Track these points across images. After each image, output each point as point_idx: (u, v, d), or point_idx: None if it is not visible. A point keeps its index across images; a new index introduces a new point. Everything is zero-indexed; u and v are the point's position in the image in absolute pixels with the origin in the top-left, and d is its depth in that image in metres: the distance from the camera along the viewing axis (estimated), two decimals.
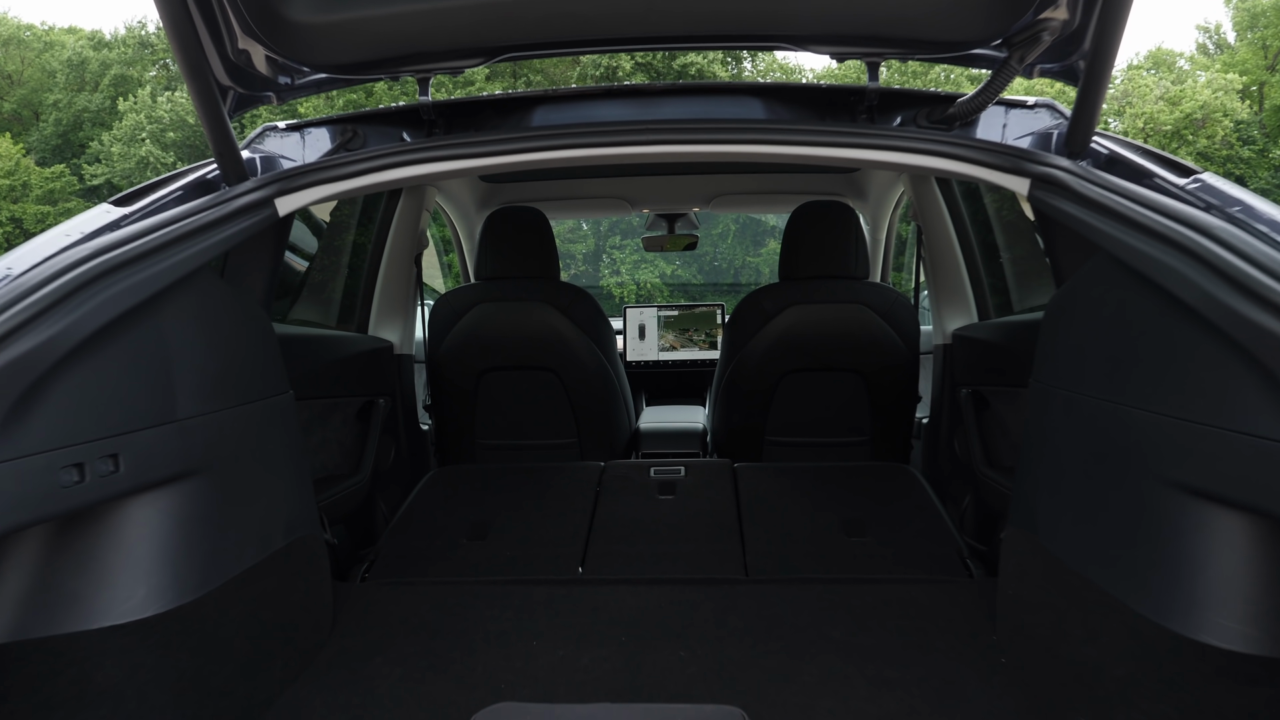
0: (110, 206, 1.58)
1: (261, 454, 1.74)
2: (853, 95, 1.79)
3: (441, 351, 3.02)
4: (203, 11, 1.46)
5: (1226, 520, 1.21)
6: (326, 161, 1.70)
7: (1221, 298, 1.12)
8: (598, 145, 1.70)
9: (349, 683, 1.73)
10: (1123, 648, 1.38)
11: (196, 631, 1.48)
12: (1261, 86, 43.88)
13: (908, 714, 1.56)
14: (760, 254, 31.25)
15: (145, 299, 1.35)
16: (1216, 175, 1.44)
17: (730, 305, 4.30)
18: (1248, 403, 1.14)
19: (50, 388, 1.21)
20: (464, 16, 1.57)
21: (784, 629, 1.89)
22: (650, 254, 22.43)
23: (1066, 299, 1.67)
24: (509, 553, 2.39)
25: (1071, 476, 1.59)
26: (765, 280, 16.62)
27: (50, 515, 1.24)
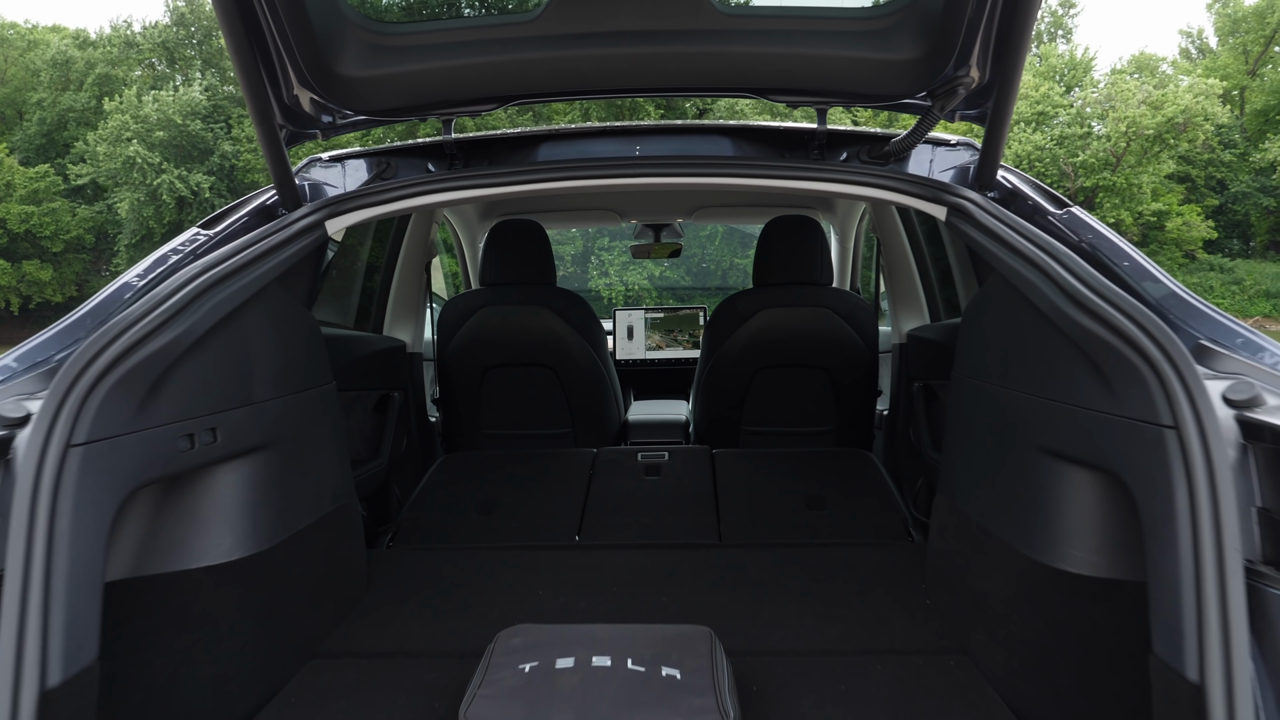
0: (199, 230, 1.92)
1: (313, 434, 2.08)
2: (806, 135, 2.13)
3: (450, 350, 3.34)
4: (265, 67, 1.79)
5: (1076, 475, 1.56)
6: (367, 189, 2.03)
7: (1063, 307, 1.45)
8: (592, 177, 2.03)
9: (388, 620, 2.07)
10: (1007, 578, 1.74)
11: (269, 573, 1.81)
12: (1243, 91, 44.52)
13: (844, 639, 1.92)
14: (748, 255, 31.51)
15: (237, 306, 1.68)
16: (1081, 209, 1.80)
17: (713, 308, 4.67)
18: (1084, 385, 1.48)
19: (173, 375, 1.53)
20: (482, 71, 1.90)
21: (749, 581, 2.25)
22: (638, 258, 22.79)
23: (975, 306, 2.04)
24: (514, 524, 2.73)
25: (978, 449, 1.95)
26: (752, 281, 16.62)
27: (169, 474, 1.56)
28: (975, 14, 1.61)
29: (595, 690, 1.41)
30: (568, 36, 1.80)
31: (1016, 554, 1.69)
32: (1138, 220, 35.59)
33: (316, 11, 1.70)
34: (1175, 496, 1.14)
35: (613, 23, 1.79)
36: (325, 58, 1.80)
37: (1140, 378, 1.25)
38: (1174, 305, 1.51)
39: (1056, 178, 36.40)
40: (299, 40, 1.71)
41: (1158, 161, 35.56)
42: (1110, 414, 1.37)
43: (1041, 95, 37.74)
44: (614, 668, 1.47)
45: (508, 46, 1.82)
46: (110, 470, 1.35)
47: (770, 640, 1.91)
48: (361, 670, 1.83)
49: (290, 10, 1.64)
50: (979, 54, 1.70)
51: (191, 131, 44.27)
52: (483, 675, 1.48)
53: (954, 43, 1.69)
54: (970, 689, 1.70)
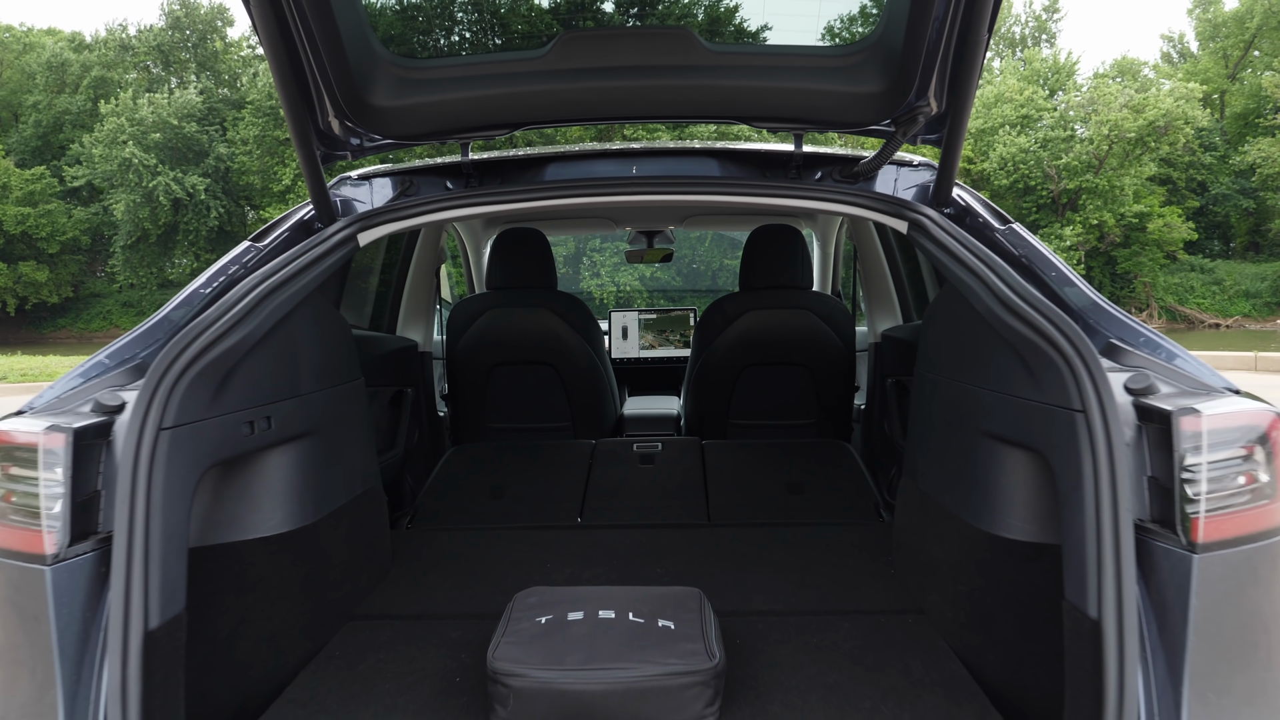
0: (251, 244, 2.18)
1: (347, 423, 2.36)
2: (785, 157, 2.41)
3: (459, 349, 3.62)
4: (305, 98, 2.04)
5: (1010, 455, 1.85)
6: (393, 205, 2.28)
7: (997, 311, 1.74)
8: (593, 195, 2.30)
9: (414, 588, 2.36)
10: (956, 546, 2.03)
11: (313, 545, 2.09)
12: (1223, 95, 44.98)
13: (817, 601, 2.22)
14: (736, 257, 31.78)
15: (288, 311, 1.95)
16: (1020, 225, 2.08)
17: (703, 309, 4.97)
18: (1015, 377, 1.76)
19: (238, 370, 1.80)
20: (497, 101, 2.15)
21: (735, 555, 2.54)
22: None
23: (932, 309, 2.33)
24: (522, 507, 3.02)
25: (935, 435, 2.24)
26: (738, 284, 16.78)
27: (233, 456, 1.84)
28: (931, 53, 1.88)
29: (602, 637, 1.69)
30: (573, 71, 2.07)
31: (964, 524, 1.98)
32: (1120, 222, 35.88)
33: (352, 49, 1.97)
34: (1083, 468, 1.42)
35: (613, 59, 2.06)
36: (359, 90, 2.06)
37: (1057, 370, 1.53)
38: (1090, 310, 1.80)
39: (1040, 180, 36.71)
40: (336, 75, 1.97)
41: (1139, 164, 35.87)
42: (1035, 401, 1.66)
43: (1026, 98, 38.10)
44: (617, 619, 1.75)
45: (520, 79, 2.09)
46: (191, 450, 1.62)
47: (752, 603, 2.20)
48: (394, 630, 2.11)
49: (329, 49, 1.90)
50: (935, 87, 1.98)
51: (187, 134, 44.37)
52: (505, 627, 1.76)
53: (913, 77, 1.96)
54: (924, 641, 1.99)
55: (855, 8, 2.02)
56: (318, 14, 1.76)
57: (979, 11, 1.64)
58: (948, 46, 1.82)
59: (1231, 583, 1.32)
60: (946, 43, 1.81)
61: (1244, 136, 40.78)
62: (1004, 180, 36.92)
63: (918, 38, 1.81)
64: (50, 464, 1.36)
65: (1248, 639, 1.32)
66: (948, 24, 1.73)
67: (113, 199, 44.28)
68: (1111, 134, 35.03)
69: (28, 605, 1.33)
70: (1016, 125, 37.78)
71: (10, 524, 1.36)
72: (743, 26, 2.14)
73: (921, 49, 1.84)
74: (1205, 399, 1.40)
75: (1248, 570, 1.32)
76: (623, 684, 1.60)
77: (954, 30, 1.74)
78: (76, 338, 47.07)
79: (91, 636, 1.36)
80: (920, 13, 1.73)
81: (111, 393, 1.55)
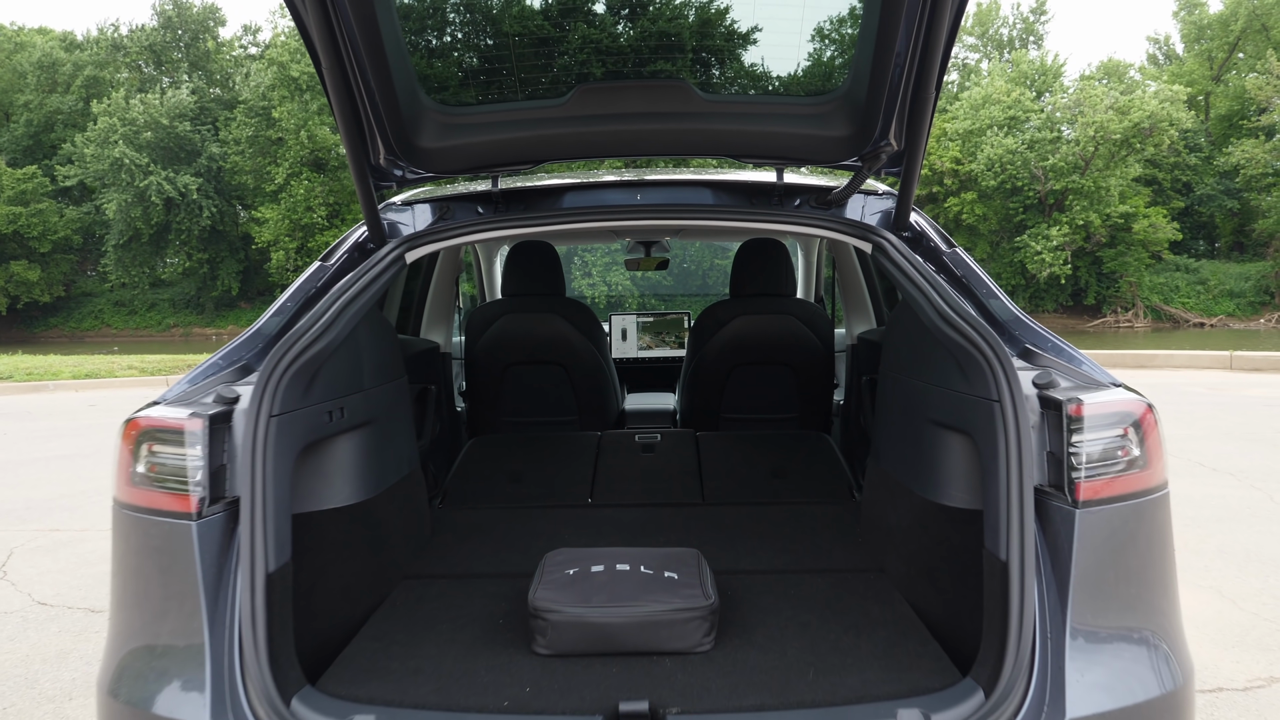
0: (321, 264, 2.52)
1: (395, 414, 2.72)
2: (768, 186, 2.77)
3: (477, 350, 3.98)
4: (361, 140, 2.39)
5: (950, 438, 2.21)
6: (434, 228, 2.63)
7: (937, 322, 2.10)
8: (604, 220, 2.66)
9: (453, 554, 2.73)
10: (908, 514, 2.41)
11: (373, 515, 2.45)
12: (1208, 96, 45.51)
13: (794, 563, 2.59)
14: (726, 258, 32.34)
15: (359, 321, 2.30)
16: (963, 250, 2.45)
17: (695, 313, 5.39)
18: (952, 374, 2.13)
19: (322, 370, 2.14)
20: (524, 142, 2.49)
21: (726, 527, 2.91)
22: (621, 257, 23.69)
23: (892, 319, 2.71)
24: (538, 489, 3.39)
25: (894, 423, 2.62)
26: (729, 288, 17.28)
27: (316, 439, 2.19)
28: (890, 103, 2.23)
29: (620, 583, 2.06)
30: (588, 116, 2.41)
31: (915, 496, 2.36)
32: (1105, 222, 36.37)
33: (403, 99, 2.31)
34: (998, 446, 1.79)
35: (622, 107, 2.41)
36: (408, 134, 2.41)
37: (981, 369, 1.89)
38: (1012, 322, 2.17)
39: (1028, 180, 37.20)
40: (390, 121, 2.32)
41: (1125, 165, 36.43)
42: (965, 393, 2.03)
43: (1013, 100, 38.53)
44: (631, 571, 2.12)
45: (543, 124, 2.44)
46: (291, 434, 1.97)
47: (741, 564, 2.57)
48: (442, 586, 2.48)
49: (384, 99, 2.25)
50: (895, 130, 2.33)
51: (179, 133, 44.47)
52: (540, 577, 2.13)
53: (875, 123, 2.32)
54: (883, 593, 2.37)
55: (826, 67, 2.38)
56: (376, 71, 2.11)
57: (928, 69, 2.01)
58: (904, 98, 2.17)
59: (1106, 531, 1.67)
60: (903, 95, 2.16)
61: (1228, 138, 41.36)
62: (991, 181, 37.34)
63: (878, 91, 2.16)
64: (193, 442, 1.70)
65: (1117, 573, 1.68)
66: (903, 80, 2.09)
67: (104, 198, 44.50)
68: (1097, 135, 35.50)
69: (180, 552, 1.67)
70: (1004, 126, 38.25)
71: (163, 490, 1.71)
72: (732, 80, 2.50)
73: (881, 100, 2.19)
74: (1093, 391, 1.76)
75: (1120, 522, 1.68)
76: (638, 618, 1.94)
77: (909, 85, 2.09)
78: (68, 337, 47.09)
79: (225, 576, 1.70)
80: (880, 71, 2.09)
81: (228, 387, 1.89)
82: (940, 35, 1.88)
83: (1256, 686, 3.17)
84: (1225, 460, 7.17)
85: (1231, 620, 3.80)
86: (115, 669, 1.71)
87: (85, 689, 3.31)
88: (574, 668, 1.91)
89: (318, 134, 42.56)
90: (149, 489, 1.71)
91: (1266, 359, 14.33)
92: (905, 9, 1.88)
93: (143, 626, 1.72)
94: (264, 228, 43.92)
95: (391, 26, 2.05)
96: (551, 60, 2.39)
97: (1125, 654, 1.62)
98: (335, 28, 1.90)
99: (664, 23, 2.36)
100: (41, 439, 9.50)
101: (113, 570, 1.79)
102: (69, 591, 4.42)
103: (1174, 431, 8.58)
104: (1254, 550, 4.78)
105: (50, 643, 3.76)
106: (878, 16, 1.95)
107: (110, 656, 1.75)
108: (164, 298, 49.30)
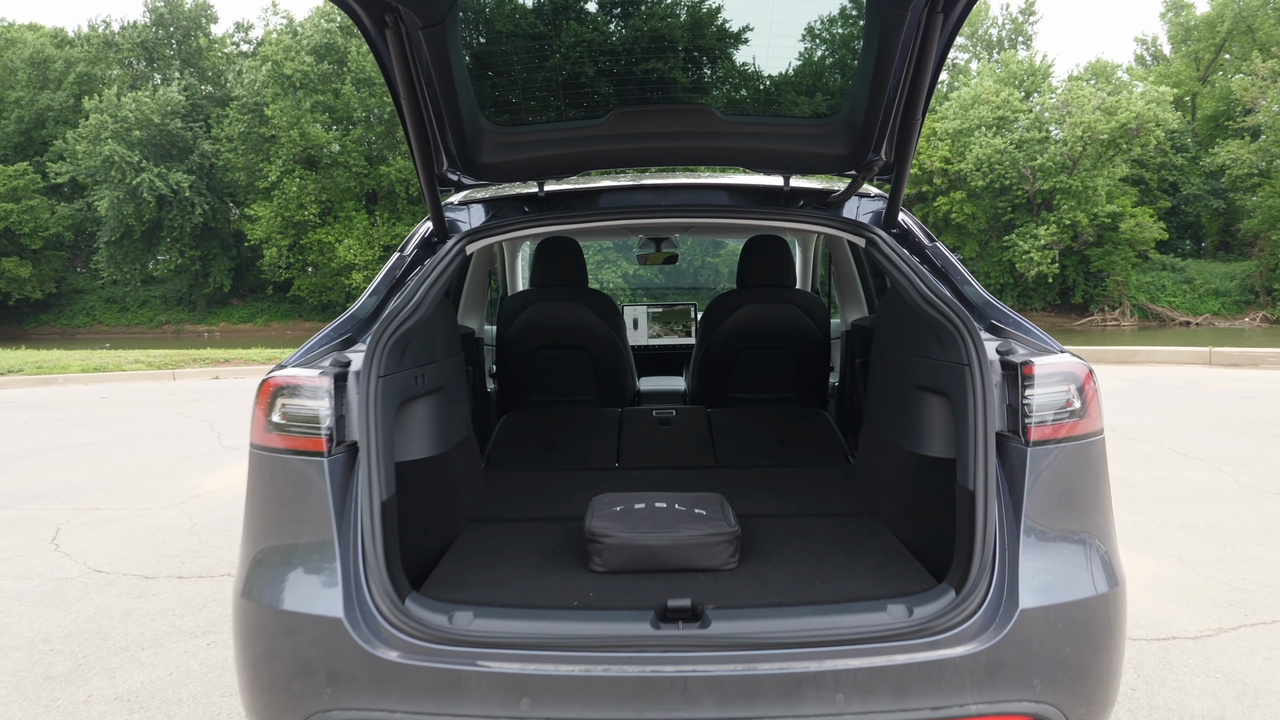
0: (399, 254, 2.86)
1: (457, 384, 3.09)
2: (776, 190, 3.14)
3: (508, 336, 4.34)
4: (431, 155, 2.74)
5: (930, 398, 2.59)
6: (489, 224, 2.96)
7: (921, 304, 2.46)
8: (635, 218, 3.03)
9: (507, 504, 3.11)
10: (895, 464, 2.80)
11: (445, 467, 2.82)
12: (1194, 97, 45.91)
13: (799, 508, 2.97)
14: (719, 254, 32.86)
15: (436, 304, 2.66)
16: (942, 244, 2.83)
17: (699, 305, 5.83)
18: (931, 346, 2.50)
19: (410, 342, 2.47)
20: (567, 156, 2.82)
21: (738, 485, 3.29)
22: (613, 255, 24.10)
23: (883, 302, 3.09)
24: (571, 455, 3.76)
25: (885, 391, 3.00)
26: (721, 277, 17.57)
27: (405, 399, 2.53)
28: (882, 125, 2.60)
29: (659, 516, 2.45)
30: (623, 135, 2.79)
31: (902, 449, 2.74)
32: (1093, 221, 36.82)
33: (467, 124, 2.69)
34: (968, 400, 2.16)
35: (653, 127, 2.79)
36: (470, 152, 2.79)
37: (955, 341, 2.26)
38: (981, 305, 2.54)
39: (1016, 180, 37.63)
40: (456, 142, 2.69)
41: (1112, 165, 36.91)
42: (943, 360, 2.41)
43: (1002, 100, 38.94)
44: (668, 507, 2.51)
45: (584, 141, 2.82)
46: (392, 393, 2.34)
47: (754, 510, 2.95)
48: (503, 527, 2.86)
49: (452, 122, 2.61)
50: (886, 146, 2.71)
51: (171, 130, 44.49)
52: (593, 512, 2.51)
53: (870, 141, 2.69)
54: (875, 529, 2.76)
55: (829, 95, 2.75)
56: (446, 100, 2.47)
57: (916, 98, 2.38)
58: (895, 121, 2.55)
59: (1052, 466, 2.03)
60: (894, 119, 2.54)
61: (1214, 138, 41.81)
62: (980, 181, 37.77)
63: (873, 115, 2.54)
64: (323, 396, 2.03)
65: (1061, 499, 2.04)
66: (894, 107, 2.47)
67: (96, 195, 44.60)
68: (1085, 135, 35.93)
69: (313, 483, 2.00)
70: (993, 127, 38.67)
71: (298, 434, 2.07)
72: (748, 105, 2.87)
73: (876, 123, 2.57)
74: (1043, 356, 2.14)
75: (1063, 458, 2.05)
76: (678, 541, 2.34)
77: (899, 110, 2.48)
78: (59, 334, 47.03)
79: (348, 502, 2.02)
80: (875, 99, 2.46)
81: (340, 354, 2.24)
82: (927, 70, 2.25)
83: (1206, 636, 3.56)
84: (1197, 447, 7.58)
85: (1189, 582, 4.19)
86: (250, 576, 2.04)
87: (155, 641, 3.66)
88: (626, 580, 2.30)
89: (310, 131, 42.62)
90: (284, 434, 2.06)
91: (1244, 354, 14.79)
92: (899, 50, 2.24)
93: (279, 543, 2.04)
94: (256, 225, 44.04)
95: (460, 65, 2.41)
96: (592, 88, 2.75)
97: (1067, 562, 1.99)
98: (411, 67, 2.25)
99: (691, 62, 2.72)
100: (64, 428, 9.81)
101: (247, 501, 2.13)
102: (120, 561, 4.76)
103: (1151, 421, 9.01)
104: (1215, 525, 5.19)
105: (114, 603, 4.11)
106: (874, 57, 2.31)
107: (246, 567, 2.08)
108: (156, 294, 49.33)
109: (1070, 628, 1.89)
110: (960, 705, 1.79)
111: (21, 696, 3.17)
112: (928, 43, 2.18)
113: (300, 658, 1.87)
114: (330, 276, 43.86)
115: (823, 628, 1.84)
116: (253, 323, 47.63)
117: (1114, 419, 8.93)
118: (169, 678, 3.30)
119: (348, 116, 44.53)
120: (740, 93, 2.83)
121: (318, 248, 43.64)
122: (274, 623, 1.91)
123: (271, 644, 1.91)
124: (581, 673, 1.76)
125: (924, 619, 1.85)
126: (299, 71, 42.50)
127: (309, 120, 42.91)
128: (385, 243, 43.00)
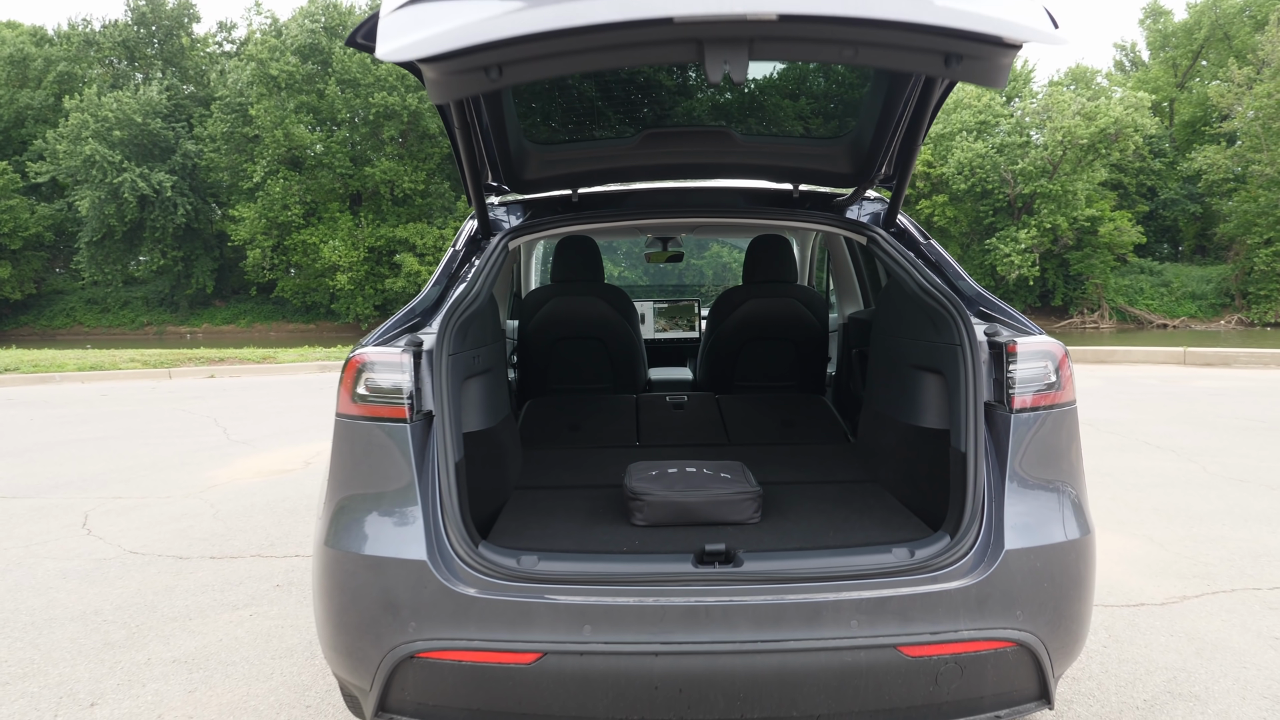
0: (454, 249, 3.13)
1: (499, 366, 3.37)
2: (787, 193, 3.45)
3: (530, 328, 4.62)
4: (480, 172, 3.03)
5: (925, 376, 2.90)
6: (528, 223, 3.22)
7: (918, 293, 2.75)
8: (656, 218, 3.33)
9: (546, 474, 3.39)
10: (894, 436, 3.11)
11: (494, 440, 3.09)
12: (1172, 103, 46.58)
13: (809, 477, 3.28)
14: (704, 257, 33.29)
15: (490, 293, 2.94)
16: (935, 242, 3.14)
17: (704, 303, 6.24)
18: (927, 330, 2.81)
19: (469, 327, 2.75)
20: (600, 172, 3.18)
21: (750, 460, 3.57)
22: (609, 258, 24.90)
23: (882, 295, 3.40)
24: (595, 435, 4.05)
25: (885, 372, 3.31)
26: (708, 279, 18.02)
27: (468, 376, 2.80)
28: (886, 146, 2.94)
29: (689, 477, 2.76)
30: (651, 153, 3.13)
31: (901, 423, 3.06)
32: (1072, 225, 37.32)
33: (513, 145, 2.99)
34: (960, 376, 2.47)
35: (678, 147, 3.12)
36: (514, 169, 3.10)
37: (949, 325, 2.57)
38: (972, 295, 2.84)
39: (997, 184, 38.15)
40: (502, 161, 3.02)
41: (1091, 169, 37.47)
42: (937, 342, 2.72)
43: (984, 105, 39.50)
44: (696, 471, 2.83)
45: (615, 158, 3.15)
46: (458, 369, 2.63)
47: (768, 479, 3.25)
48: (547, 493, 3.15)
49: (499, 146, 2.93)
50: (887, 165, 3.05)
51: (152, 130, 44.30)
52: (631, 475, 2.81)
53: (875, 159, 3.02)
54: (878, 493, 3.07)
55: (838, 121, 3.09)
56: (495, 127, 2.80)
57: (916, 126, 2.72)
58: (895, 143, 2.89)
59: (1031, 430, 2.33)
60: (896, 142, 2.88)
61: (1191, 144, 42.59)
62: (962, 184, 38.30)
63: (879, 140, 2.88)
64: (404, 369, 2.29)
65: (1039, 458, 2.33)
66: (897, 132, 2.81)
67: (77, 195, 44.32)
68: (1065, 140, 36.43)
69: (399, 445, 2.25)
70: (974, 131, 39.23)
71: (381, 404, 2.33)
72: (764, 129, 3.17)
73: (881, 144, 2.91)
74: (1025, 337, 2.45)
75: (1041, 424, 2.34)
76: (709, 498, 2.65)
77: (899, 134, 2.82)
78: (39, 335, 46.54)
79: (427, 461, 2.27)
80: (882, 126, 2.81)
81: (413, 335, 2.50)
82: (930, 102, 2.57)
83: (1171, 603, 3.89)
84: (1168, 440, 7.96)
85: (1157, 558, 4.53)
86: (335, 528, 2.28)
87: (200, 612, 3.91)
88: (665, 532, 2.61)
89: (295, 132, 42.46)
90: (368, 404, 2.33)
91: (1217, 354, 15.25)
92: (905, 89, 2.58)
93: (364, 498, 2.30)
94: (240, 226, 43.81)
95: (508, 99, 2.74)
96: (624, 114, 3.06)
97: (1044, 510, 2.29)
98: (465, 104, 2.53)
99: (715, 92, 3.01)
100: (70, 424, 9.99)
101: (331, 466, 2.39)
102: (153, 544, 5.00)
103: (1125, 416, 9.39)
104: (1183, 508, 5.54)
105: (154, 580, 4.35)
106: (884, 95, 2.65)
107: (329, 521, 2.32)
108: (137, 295, 48.98)
109: (1047, 566, 2.19)
110: (954, 631, 2.09)
111: (86, 660, 3.42)
112: (931, 82, 2.50)
113: (386, 597, 2.13)
114: (314, 278, 43.71)
115: (838, 566, 2.13)
116: (236, 324, 47.39)
117: (1091, 414, 9.31)
118: (220, 643, 3.56)
119: (332, 117, 44.39)
120: (758, 117, 3.14)
121: (302, 249, 43.42)
122: (361, 566, 2.18)
123: (359, 586, 2.18)
124: (635, 603, 2.05)
125: (923, 559, 2.15)
126: (284, 72, 42.31)
127: (293, 121, 42.76)
128: (370, 244, 42.85)
